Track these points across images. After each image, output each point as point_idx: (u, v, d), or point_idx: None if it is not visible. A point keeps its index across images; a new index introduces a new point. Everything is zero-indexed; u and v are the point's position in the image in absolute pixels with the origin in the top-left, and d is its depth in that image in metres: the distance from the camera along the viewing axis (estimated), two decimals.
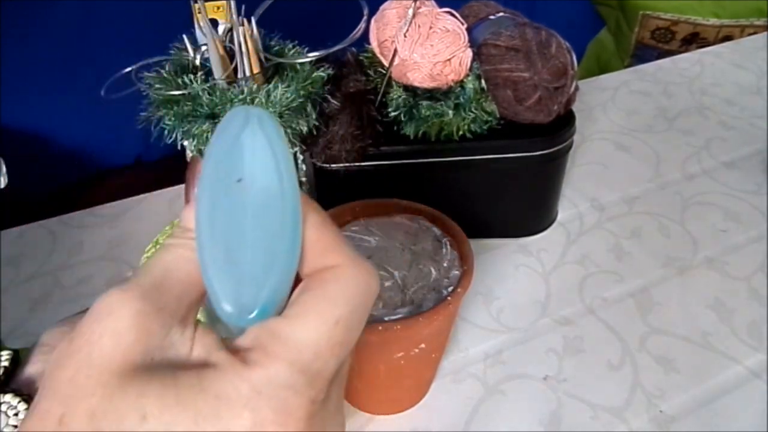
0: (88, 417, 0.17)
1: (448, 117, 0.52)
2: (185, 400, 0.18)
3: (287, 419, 0.18)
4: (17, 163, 0.59)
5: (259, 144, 0.21)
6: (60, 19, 1.10)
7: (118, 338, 0.18)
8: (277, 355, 0.19)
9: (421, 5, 0.51)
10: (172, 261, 0.21)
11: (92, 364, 0.18)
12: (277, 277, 0.20)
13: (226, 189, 0.20)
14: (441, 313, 0.37)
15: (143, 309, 0.19)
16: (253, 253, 0.20)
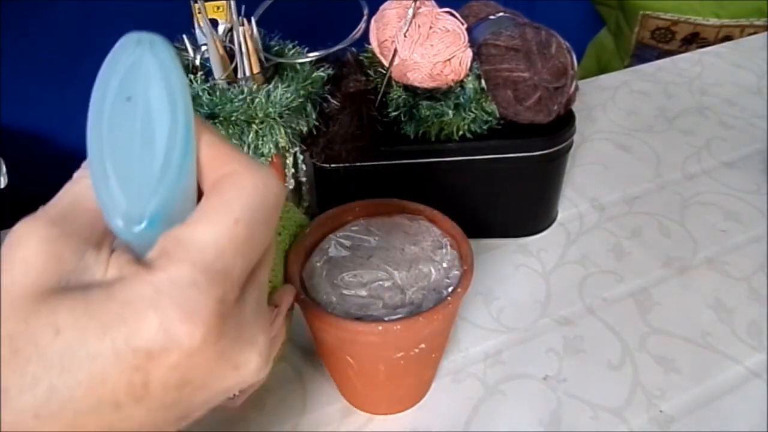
0: (7, 339, 0.18)
1: (448, 117, 0.52)
2: (94, 311, 0.19)
3: (193, 317, 0.19)
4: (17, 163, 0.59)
5: (150, 66, 0.21)
6: (60, 18, 1.10)
7: (27, 265, 0.19)
8: (178, 258, 0.19)
9: (421, 5, 0.51)
10: (80, 190, 0.21)
11: (6, 291, 0.19)
12: (166, 188, 0.20)
13: (114, 108, 0.21)
14: (441, 313, 0.37)
15: (51, 235, 0.20)
16: (141, 168, 0.20)
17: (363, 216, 0.45)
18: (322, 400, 0.48)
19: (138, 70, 0.21)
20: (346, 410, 0.47)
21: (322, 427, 0.46)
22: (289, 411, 0.47)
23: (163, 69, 0.21)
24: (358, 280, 0.40)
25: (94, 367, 0.18)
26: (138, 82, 0.21)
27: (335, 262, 0.41)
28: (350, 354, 0.41)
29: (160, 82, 0.21)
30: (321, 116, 0.52)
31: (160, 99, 0.21)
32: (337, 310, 0.38)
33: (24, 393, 0.18)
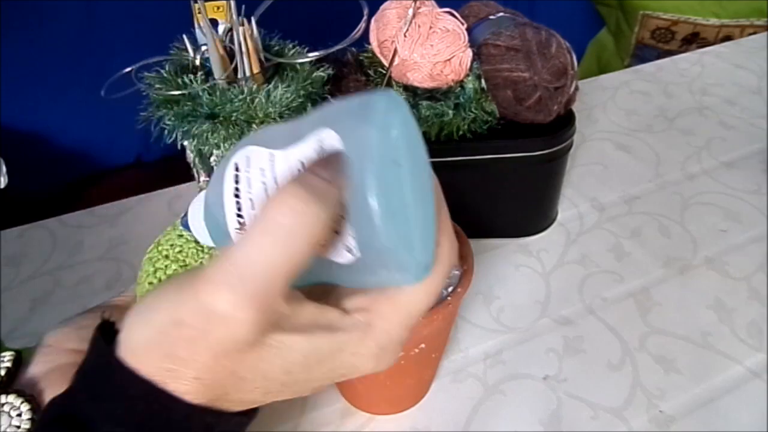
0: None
1: (448, 117, 0.52)
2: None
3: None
4: (17, 163, 0.59)
5: (404, 129, 0.23)
6: (60, 19, 1.10)
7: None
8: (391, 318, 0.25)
9: (421, 5, 0.51)
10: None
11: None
12: (431, 238, 0.24)
13: (386, 169, 0.22)
14: (441, 313, 0.37)
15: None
16: (414, 220, 0.23)
17: None
18: (322, 400, 0.48)
19: (394, 131, 0.22)
20: (346, 410, 0.47)
21: (322, 427, 0.46)
22: (289, 411, 0.47)
23: (415, 131, 0.24)
24: None
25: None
26: (400, 148, 0.22)
27: None
28: None
29: (416, 144, 0.24)
30: None
31: (418, 162, 0.24)
32: None
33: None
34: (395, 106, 0.22)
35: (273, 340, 0.22)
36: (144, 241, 0.37)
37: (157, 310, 0.22)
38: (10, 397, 0.28)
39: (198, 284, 0.21)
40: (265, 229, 0.21)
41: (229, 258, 0.21)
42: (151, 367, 0.22)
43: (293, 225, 0.21)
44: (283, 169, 0.23)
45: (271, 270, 0.21)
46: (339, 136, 0.22)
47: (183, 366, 0.21)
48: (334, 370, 0.24)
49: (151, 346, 0.22)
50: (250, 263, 0.20)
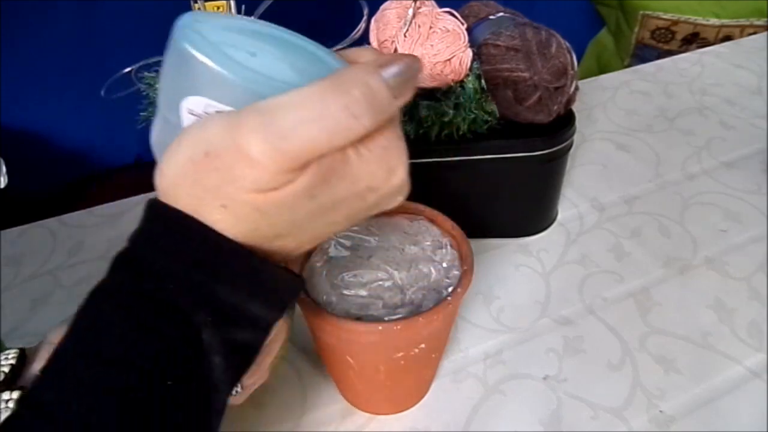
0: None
1: (448, 117, 0.52)
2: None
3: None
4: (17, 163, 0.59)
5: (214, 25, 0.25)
6: (60, 19, 1.10)
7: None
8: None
9: (421, 5, 0.51)
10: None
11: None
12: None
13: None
14: (441, 313, 0.37)
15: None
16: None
17: None
18: (322, 400, 0.48)
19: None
20: (346, 410, 0.47)
21: (322, 427, 0.46)
22: (289, 411, 0.47)
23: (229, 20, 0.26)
24: (358, 280, 0.40)
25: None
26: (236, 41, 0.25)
27: (335, 262, 0.41)
28: (350, 354, 0.41)
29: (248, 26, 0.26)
30: None
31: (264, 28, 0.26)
32: (337, 310, 0.38)
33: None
34: (183, 32, 0.24)
35: (289, 192, 0.23)
36: None
37: (191, 141, 0.23)
38: (14, 393, 0.28)
39: (236, 125, 0.22)
40: (318, 108, 0.22)
41: (274, 112, 0.22)
42: (182, 197, 0.24)
43: (344, 123, 0.22)
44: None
45: (307, 144, 0.22)
46: (195, 96, 0.24)
47: (210, 194, 0.23)
48: (359, 201, 0.25)
49: (182, 174, 0.23)
50: (291, 129, 0.22)
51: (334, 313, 0.38)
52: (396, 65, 0.24)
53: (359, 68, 0.23)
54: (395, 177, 0.25)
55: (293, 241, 0.26)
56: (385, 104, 0.23)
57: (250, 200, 0.23)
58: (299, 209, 0.24)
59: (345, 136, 0.22)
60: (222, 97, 0.24)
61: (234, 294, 0.24)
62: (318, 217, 0.25)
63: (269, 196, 0.23)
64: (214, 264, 0.24)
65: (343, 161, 0.24)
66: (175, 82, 0.25)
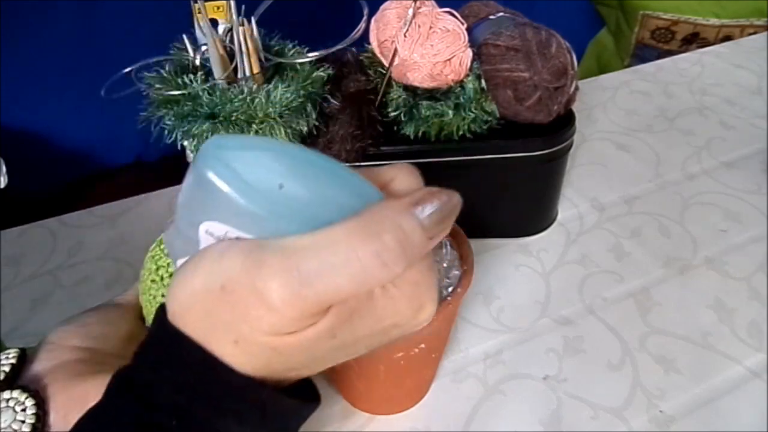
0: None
1: (448, 117, 0.52)
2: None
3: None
4: (17, 163, 0.59)
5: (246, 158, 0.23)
6: (60, 19, 1.10)
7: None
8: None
9: (421, 5, 0.51)
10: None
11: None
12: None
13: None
14: (441, 313, 0.37)
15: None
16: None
17: None
18: (322, 400, 0.48)
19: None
20: (346, 410, 0.47)
21: (322, 427, 0.46)
22: None
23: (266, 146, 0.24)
24: None
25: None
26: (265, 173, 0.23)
27: None
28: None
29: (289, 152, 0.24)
30: (321, 116, 0.52)
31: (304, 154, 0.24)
32: None
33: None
34: (213, 160, 0.22)
35: (309, 335, 0.22)
36: (144, 241, 0.37)
37: (207, 270, 0.22)
38: (14, 392, 0.28)
39: (257, 264, 0.21)
40: (346, 253, 0.21)
41: (297, 255, 0.21)
42: (193, 323, 0.22)
43: (373, 271, 0.21)
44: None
45: (331, 292, 0.21)
46: (215, 222, 0.22)
47: (222, 328, 0.22)
48: (381, 336, 0.24)
49: (195, 302, 0.22)
50: (315, 276, 0.20)
51: None
52: (433, 203, 0.22)
53: (393, 207, 0.22)
54: (423, 314, 0.24)
55: (308, 371, 0.25)
56: (418, 248, 0.22)
57: (266, 341, 0.22)
58: (318, 349, 0.23)
59: (373, 284, 0.21)
60: (245, 227, 0.22)
61: (239, 428, 0.23)
62: (338, 352, 0.24)
63: (286, 339, 0.22)
64: (222, 399, 0.22)
65: (368, 301, 0.22)
66: (195, 203, 0.24)
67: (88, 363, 0.31)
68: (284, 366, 0.23)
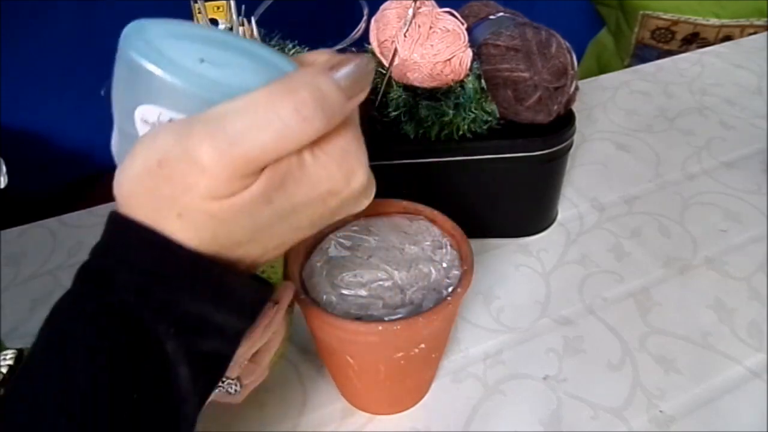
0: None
1: (448, 117, 0.52)
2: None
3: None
4: (17, 163, 0.59)
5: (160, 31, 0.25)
6: (60, 18, 1.10)
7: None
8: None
9: (421, 5, 0.51)
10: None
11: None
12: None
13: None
14: (441, 313, 0.37)
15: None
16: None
17: (363, 216, 0.45)
18: (322, 400, 0.48)
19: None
20: (346, 410, 0.47)
21: (322, 427, 0.46)
22: (289, 411, 0.47)
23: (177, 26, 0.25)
24: (358, 280, 0.40)
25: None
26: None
27: (335, 261, 0.41)
28: (350, 354, 0.41)
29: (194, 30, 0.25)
30: None
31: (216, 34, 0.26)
32: (337, 310, 0.38)
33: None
34: (132, 39, 0.24)
35: (245, 198, 0.23)
36: None
37: (144, 151, 0.23)
38: None
39: (187, 134, 0.22)
40: (267, 111, 0.22)
41: (222, 119, 0.22)
42: (139, 206, 0.23)
43: (294, 125, 0.22)
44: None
45: (257, 149, 0.22)
46: (147, 105, 0.24)
47: (166, 204, 0.23)
48: (320, 205, 0.25)
49: (137, 184, 0.23)
50: (240, 134, 0.22)
51: (334, 313, 0.38)
52: (347, 65, 0.24)
53: (308, 70, 0.23)
54: (355, 180, 0.25)
55: (257, 248, 0.25)
56: (336, 105, 0.23)
57: (205, 208, 0.23)
58: (258, 215, 0.24)
59: (296, 140, 0.22)
60: (173, 105, 0.23)
61: (196, 304, 0.24)
62: (279, 222, 0.24)
63: (224, 203, 0.23)
64: (175, 274, 0.23)
65: (300, 165, 0.23)
66: (126, 91, 0.25)
67: None
68: (229, 237, 0.24)
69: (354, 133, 0.25)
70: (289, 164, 0.23)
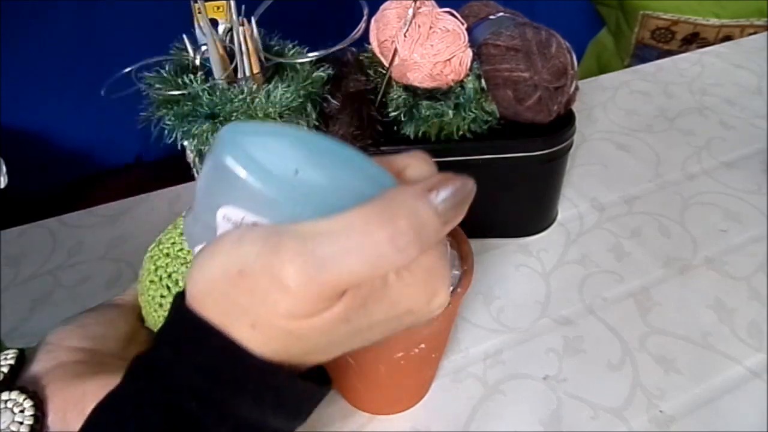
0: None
1: (448, 117, 0.52)
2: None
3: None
4: (17, 163, 0.59)
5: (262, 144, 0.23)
6: (60, 18, 1.10)
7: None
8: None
9: (421, 5, 0.51)
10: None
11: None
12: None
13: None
14: (441, 313, 0.37)
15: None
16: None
17: None
18: (323, 400, 0.48)
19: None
20: (346, 410, 0.47)
21: (322, 427, 0.46)
22: None
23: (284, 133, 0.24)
24: None
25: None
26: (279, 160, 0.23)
27: None
28: (350, 354, 0.41)
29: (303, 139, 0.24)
30: (321, 116, 0.52)
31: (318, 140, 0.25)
32: None
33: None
34: (232, 144, 0.23)
35: (325, 319, 0.22)
36: (144, 241, 0.37)
37: (226, 255, 0.22)
38: (13, 393, 0.28)
39: (274, 249, 0.21)
40: (361, 238, 0.21)
41: (313, 240, 0.21)
42: (211, 306, 0.23)
43: (388, 255, 0.21)
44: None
45: (346, 276, 0.21)
46: (232, 207, 0.23)
47: (240, 312, 0.22)
48: (395, 322, 0.24)
49: (213, 286, 0.22)
50: (331, 260, 0.21)
51: None
52: (447, 188, 0.22)
53: (407, 193, 0.22)
54: (436, 301, 0.24)
55: (325, 357, 0.25)
56: (433, 234, 0.22)
57: (282, 325, 0.22)
58: (335, 333, 0.23)
59: (388, 268, 0.22)
60: (260, 212, 0.23)
61: (257, 409, 0.23)
62: (354, 338, 0.24)
63: (303, 323, 0.22)
64: (240, 381, 0.23)
65: (383, 285, 0.22)
66: (213, 189, 0.24)
67: (87, 363, 0.30)
68: (301, 350, 0.23)
69: (441, 251, 0.24)
70: (373, 285, 0.22)
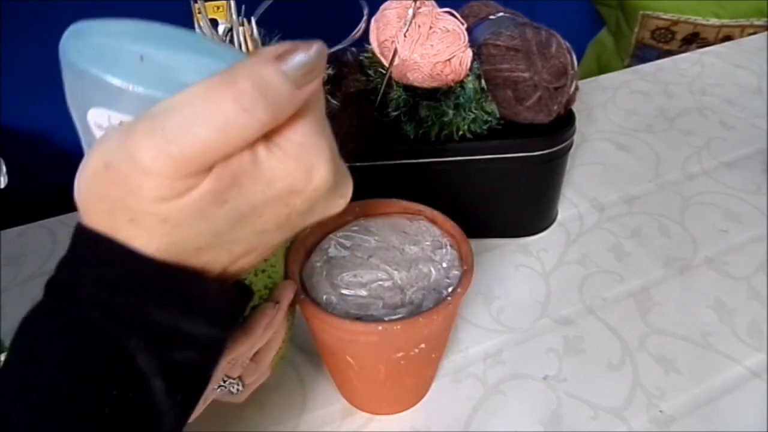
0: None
1: (448, 117, 0.52)
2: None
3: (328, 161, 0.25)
4: (17, 163, 0.59)
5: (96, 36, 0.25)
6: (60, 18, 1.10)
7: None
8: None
9: (421, 5, 0.51)
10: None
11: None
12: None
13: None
14: (441, 313, 0.37)
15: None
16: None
17: (363, 216, 0.45)
18: (322, 400, 0.48)
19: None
20: (346, 410, 0.47)
21: (322, 427, 0.46)
22: (289, 411, 0.47)
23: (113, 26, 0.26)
24: (358, 280, 0.40)
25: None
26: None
27: (335, 262, 0.41)
28: (350, 354, 0.41)
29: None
30: None
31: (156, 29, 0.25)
32: (337, 310, 0.38)
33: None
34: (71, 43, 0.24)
35: (195, 198, 0.22)
36: None
37: (93, 155, 0.22)
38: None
39: (128, 134, 0.21)
40: (205, 104, 0.21)
41: (161, 115, 0.21)
42: (94, 213, 0.23)
43: (234, 118, 0.21)
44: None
45: (198, 145, 0.21)
46: (94, 108, 0.23)
47: (117, 208, 0.22)
48: (280, 204, 0.23)
49: (89, 189, 0.22)
50: (179, 131, 0.20)
51: (334, 313, 0.38)
52: (296, 53, 0.22)
53: (251, 60, 0.21)
54: (317, 176, 0.23)
55: (222, 254, 0.24)
56: (282, 95, 0.21)
57: (154, 211, 0.22)
58: (213, 217, 0.22)
59: (240, 134, 0.21)
60: (119, 107, 0.23)
61: (164, 314, 0.23)
62: (239, 225, 0.23)
63: (172, 204, 0.21)
64: (137, 284, 0.23)
65: (253, 162, 0.22)
66: (75, 97, 0.24)
67: None
68: (188, 244, 0.23)
69: (313, 125, 0.23)
70: (241, 161, 0.22)
